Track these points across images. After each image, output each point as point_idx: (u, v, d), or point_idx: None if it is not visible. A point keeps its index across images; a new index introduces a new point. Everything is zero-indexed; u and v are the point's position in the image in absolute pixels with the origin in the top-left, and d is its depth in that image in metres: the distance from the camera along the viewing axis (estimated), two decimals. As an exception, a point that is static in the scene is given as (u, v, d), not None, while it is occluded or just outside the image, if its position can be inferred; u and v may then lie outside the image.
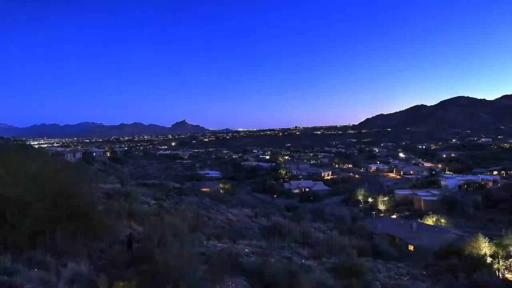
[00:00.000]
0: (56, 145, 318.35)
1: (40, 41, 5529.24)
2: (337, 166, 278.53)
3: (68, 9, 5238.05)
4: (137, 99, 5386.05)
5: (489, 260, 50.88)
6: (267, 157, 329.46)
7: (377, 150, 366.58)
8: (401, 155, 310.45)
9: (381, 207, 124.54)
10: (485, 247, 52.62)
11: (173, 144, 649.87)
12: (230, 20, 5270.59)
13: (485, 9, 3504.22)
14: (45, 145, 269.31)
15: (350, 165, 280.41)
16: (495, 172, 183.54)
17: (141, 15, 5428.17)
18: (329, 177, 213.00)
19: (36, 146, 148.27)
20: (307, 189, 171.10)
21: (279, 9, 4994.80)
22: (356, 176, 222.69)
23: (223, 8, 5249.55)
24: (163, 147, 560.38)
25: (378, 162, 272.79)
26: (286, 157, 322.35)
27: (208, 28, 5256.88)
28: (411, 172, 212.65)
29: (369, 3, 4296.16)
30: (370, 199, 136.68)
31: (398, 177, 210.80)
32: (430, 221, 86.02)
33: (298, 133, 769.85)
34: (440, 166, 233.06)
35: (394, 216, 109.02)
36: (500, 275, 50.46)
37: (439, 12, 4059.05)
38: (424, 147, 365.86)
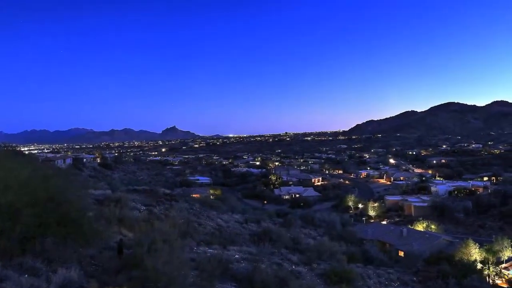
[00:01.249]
0: (46, 151, 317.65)
1: (30, 47, 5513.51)
2: (327, 172, 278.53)
3: (58, 15, 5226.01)
4: (127, 105, 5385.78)
5: (479, 266, 51.20)
6: (258, 163, 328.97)
7: (367, 156, 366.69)
8: (392, 161, 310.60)
9: (372, 213, 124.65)
10: (475, 253, 52.93)
11: (163, 150, 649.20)
12: (220, 27, 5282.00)
13: (476, 17, 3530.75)
14: (35, 151, 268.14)
15: (340, 171, 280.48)
16: (485, 178, 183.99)
17: (132, 22, 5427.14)
18: (319, 183, 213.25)
19: (26, 152, 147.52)
20: (297, 195, 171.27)
21: (268, 15, 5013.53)
22: (347, 182, 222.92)
23: (213, 15, 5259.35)
24: (153, 153, 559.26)
25: (369, 168, 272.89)
26: (277, 163, 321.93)
27: (198, 35, 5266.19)
28: (402, 178, 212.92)
29: (359, 10, 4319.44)
30: (360, 205, 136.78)
31: (389, 183, 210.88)
32: (420, 227, 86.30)
33: (288, 139, 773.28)
34: (430, 172, 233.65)
35: (384, 222, 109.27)
36: (490, 281, 50.76)
37: (430, 18, 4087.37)
38: (414, 153, 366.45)
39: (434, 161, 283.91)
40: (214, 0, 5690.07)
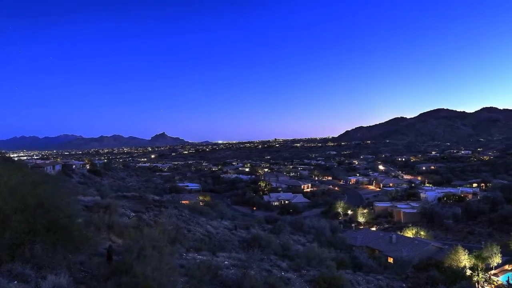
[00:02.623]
0: (35, 157, 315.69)
1: (20, 54, 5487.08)
2: (316, 178, 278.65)
3: (48, 22, 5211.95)
4: (116, 112, 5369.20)
5: (468, 272, 51.40)
6: (247, 169, 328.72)
7: (356, 163, 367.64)
8: (381, 167, 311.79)
9: (361, 219, 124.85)
10: (464, 260, 53.15)
11: (152, 156, 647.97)
12: (209, 35, 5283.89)
13: (466, 23, 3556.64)
14: (25, 158, 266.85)
15: (329, 178, 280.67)
16: (474, 185, 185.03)
17: (121, 29, 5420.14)
18: (308, 190, 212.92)
19: (16, 159, 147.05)
20: (286, 202, 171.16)
21: (257, 23, 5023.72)
22: (336, 188, 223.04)
23: (202, 23, 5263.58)
24: (142, 159, 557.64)
25: (358, 175, 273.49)
26: (266, 170, 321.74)
27: (187, 42, 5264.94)
28: (391, 184, 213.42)
29: (348, 18, 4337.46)
30: (349, 212, 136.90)
31: (378, 189, 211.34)
32: (409, 233, 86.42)
33: (277, 145, 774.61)
34: (419, 178, 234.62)
35: (373, 229, 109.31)
36: (480, 287, 50.93)
37: (420, 25, 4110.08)
38: (403, 159, 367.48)
39: (424, 168, 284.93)
40: (202, 7, 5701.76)
